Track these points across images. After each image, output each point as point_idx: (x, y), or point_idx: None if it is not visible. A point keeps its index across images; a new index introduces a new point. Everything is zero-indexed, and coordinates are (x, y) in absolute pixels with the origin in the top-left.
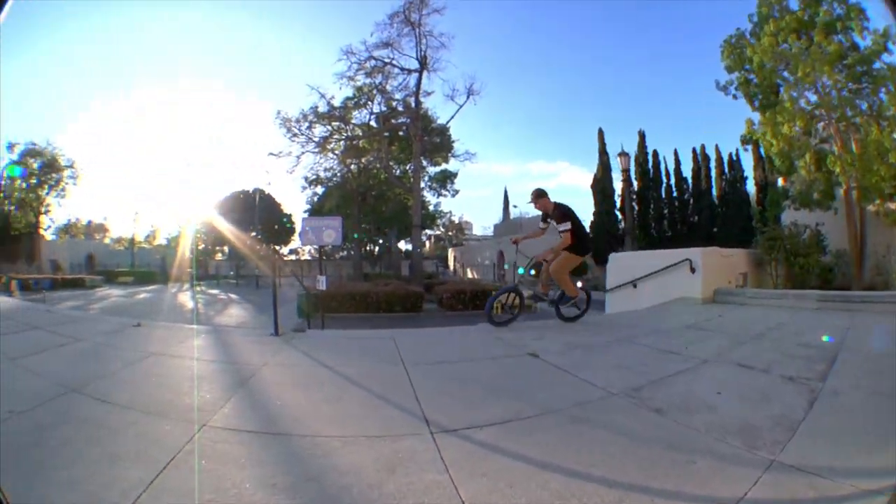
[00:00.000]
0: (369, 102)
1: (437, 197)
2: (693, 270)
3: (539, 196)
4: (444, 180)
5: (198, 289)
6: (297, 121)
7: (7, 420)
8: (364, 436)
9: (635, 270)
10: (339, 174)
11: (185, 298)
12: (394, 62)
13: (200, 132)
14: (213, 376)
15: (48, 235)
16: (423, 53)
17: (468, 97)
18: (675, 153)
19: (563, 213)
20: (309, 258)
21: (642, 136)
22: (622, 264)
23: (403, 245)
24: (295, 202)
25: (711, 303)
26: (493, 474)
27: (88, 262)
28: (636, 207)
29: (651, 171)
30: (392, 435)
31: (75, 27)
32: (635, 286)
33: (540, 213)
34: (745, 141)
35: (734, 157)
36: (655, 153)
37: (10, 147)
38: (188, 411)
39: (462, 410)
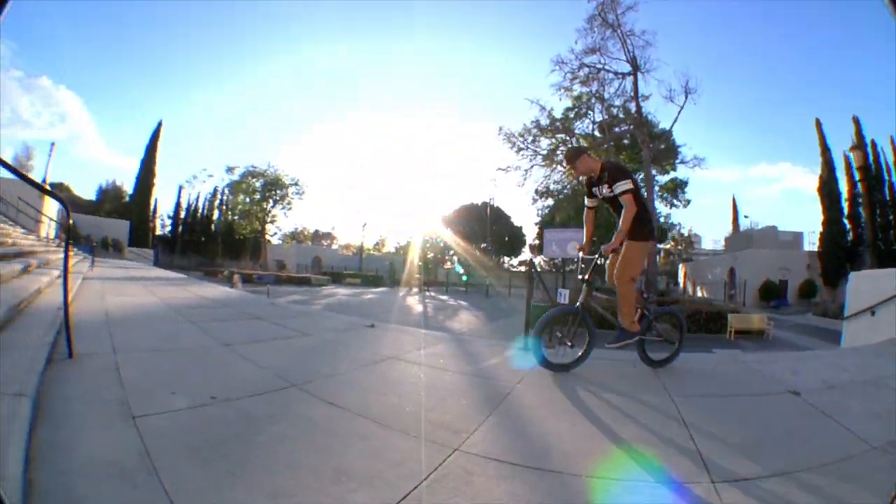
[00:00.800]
0: (589, 112)
1: (669, 208)
2: None
3: (576, 156)
4: (675, 189)
5: (427, 294)
6: (521, 135)
7: (206, 406)
8: (643, 480)
9: (872, 294)
10: (568, 186)
11: (414, 301)
12: (606, 67)
13: (429, 149)
14: (461, 391)
15: (274, 240)
16: (631, 55)
17: (686, 97)
18: (892, 141)
19: (616, 169)
20: (538, 270)
21: (857, 123)
22: (862, 286)
23: None
24: (524, 214)
25: None
26: None
27: (315, 263)
28: (862, 214)
29: (872, 166)
30: (673, 482)
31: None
32: (873, 313)
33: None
34: None
35: None
36: (874, 143)
37: (230, 169)
38: (434, 429)
39: (736, 455)
